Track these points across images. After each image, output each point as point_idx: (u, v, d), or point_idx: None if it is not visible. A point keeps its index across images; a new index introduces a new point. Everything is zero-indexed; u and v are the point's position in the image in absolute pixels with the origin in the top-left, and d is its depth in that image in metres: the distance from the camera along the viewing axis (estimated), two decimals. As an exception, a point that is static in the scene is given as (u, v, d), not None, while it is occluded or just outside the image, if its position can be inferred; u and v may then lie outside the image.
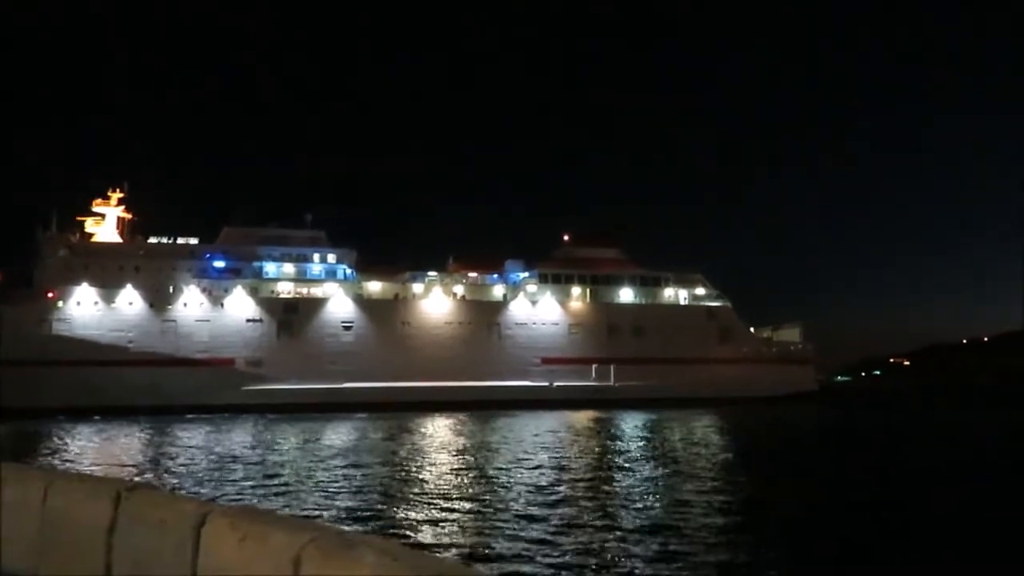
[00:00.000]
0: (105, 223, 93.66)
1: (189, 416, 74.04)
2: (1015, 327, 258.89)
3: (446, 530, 22.38)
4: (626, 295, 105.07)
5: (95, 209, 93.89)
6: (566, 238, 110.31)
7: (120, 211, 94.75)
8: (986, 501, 28.04)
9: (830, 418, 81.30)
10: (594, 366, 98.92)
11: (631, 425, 65.80)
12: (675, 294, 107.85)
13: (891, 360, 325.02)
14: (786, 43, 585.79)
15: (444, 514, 24.77)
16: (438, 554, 17.92)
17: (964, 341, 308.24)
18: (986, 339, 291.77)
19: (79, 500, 5.89)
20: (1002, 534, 22.52)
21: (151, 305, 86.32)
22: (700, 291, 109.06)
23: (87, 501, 5.79)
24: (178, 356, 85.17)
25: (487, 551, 19.79)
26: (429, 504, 26.62)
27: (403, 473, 34.87)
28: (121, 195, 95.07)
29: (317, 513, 24.87)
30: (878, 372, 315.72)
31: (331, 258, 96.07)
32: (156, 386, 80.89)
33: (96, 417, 71.13)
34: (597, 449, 46.12)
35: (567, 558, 19.11)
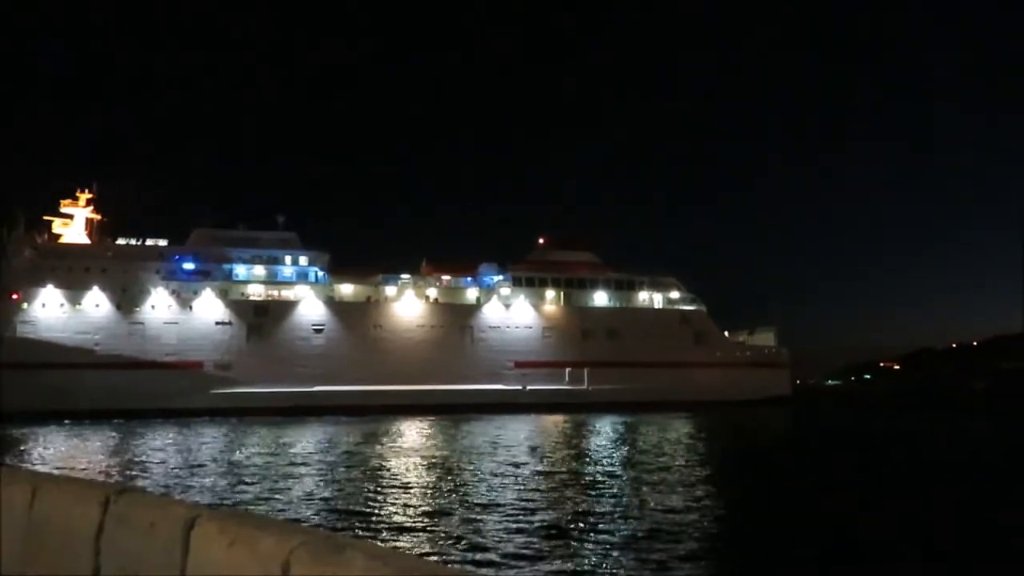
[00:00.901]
0: (73, 224, 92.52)
1: (158, 420, 73.06)
2: (1008, 331, 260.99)
3: (420, 538, 21.88)
4: (600, 298, 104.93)
5: (63, 210, 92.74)
6: (541, 241, 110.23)
7: (88, 212, 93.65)
8: (938, 506, 27.93)
9: (792, 421, 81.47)
10: (567, 370, 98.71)
11: (604, 429, 65.49)
12: (649, 298, 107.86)
13: (881, 364, 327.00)
14: (769, 41, 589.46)
15: (417, 521, 24.30)
16: (427, 558, 17.59)
17: (954, 345, 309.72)
18: (975, 343, 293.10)
19: (67, 503, 5.80)
20: (950, 539, 22.37)
21: (118, 307, 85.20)
22: (674, 295, 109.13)
23: (75, 504, 5.70)
24: (145, 359, 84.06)
25: (464, 557, 19.45)
26: (403, 510, 26.11)
27: (373, 479, 34.26)
28: (90, 196, 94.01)
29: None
30: (868, 376, 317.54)
31: (303, 260, 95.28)
32: (123, 389, 79.65)
33: (66, 421, 70.00)
34: (571, 453, 45.69)
35: (548, 564, 18.81)
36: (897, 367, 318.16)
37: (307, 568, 3.87)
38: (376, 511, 25.85)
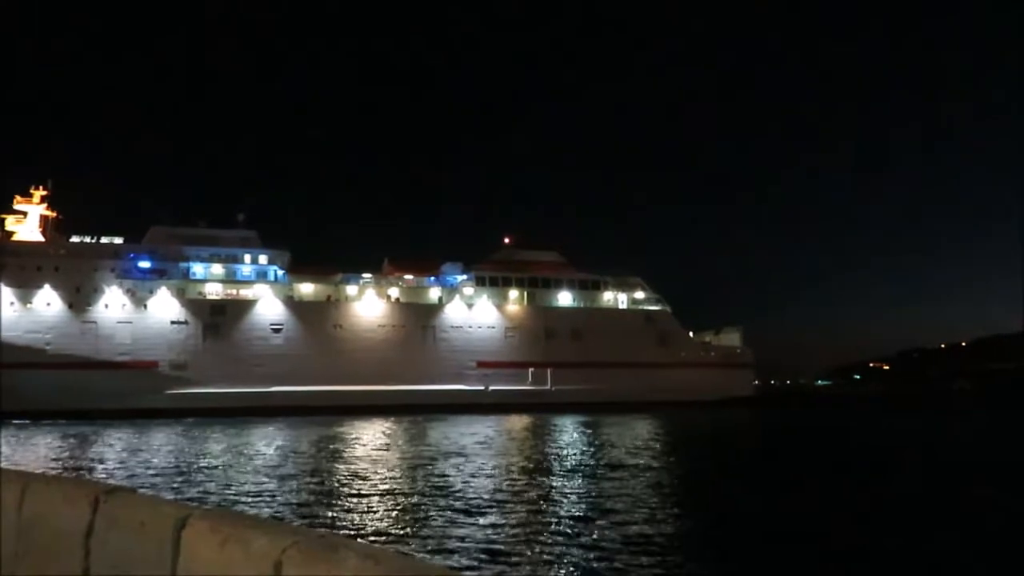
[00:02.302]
0: (27, 221, 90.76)
1: (111, 421, 71.71)
2: (1001, 331, 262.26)
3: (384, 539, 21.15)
4: (564, 298, 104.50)
5: (16, 207, 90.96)
6: (507, 241, 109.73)
7: (43, 209, 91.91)
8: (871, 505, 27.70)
9: (750, 421, 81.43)
10: (531, 370, 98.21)
11: (567, 430, 64.94)
12: (614, 298, 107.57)
13: (870, 364, 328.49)
14: (745, 37, 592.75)
15: (376, 524, 23.65)
16: (420, 557, 17.24)
17: (943, 345, 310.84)
18: (964, 344, 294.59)
19: (56, 503, 5.77)
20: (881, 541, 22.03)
21: (70, 306, 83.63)
22: (639, 295, 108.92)
23: (64, 504, 5.68)
24: (98, 359, 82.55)
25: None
26: (360, 516, 25.42)
27: (329, 481, 33.45)
28: (44, 193, 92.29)
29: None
30: (858, 376, 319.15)
31: (262, 259, 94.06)
32: (74, 389, 78.17)
33: (15, 421, 68.49)
34: (534, 454, 44.97)
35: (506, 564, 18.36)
36: (887, 367, 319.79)
37: (300, 568, 3.86)
38: (331, 514, 25.05)
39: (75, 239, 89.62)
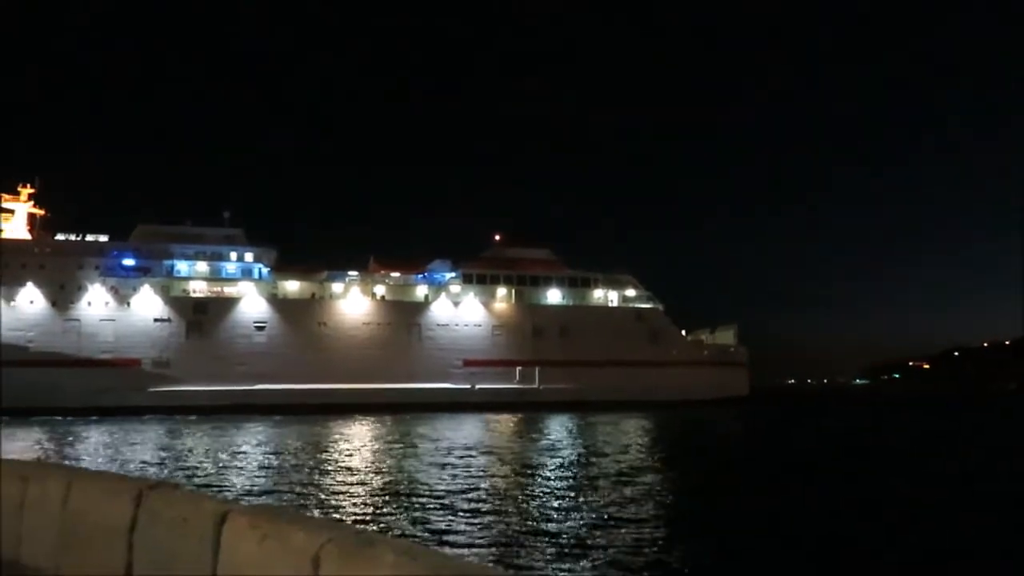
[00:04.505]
0: (14, 219, 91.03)
1: (93, 418, 71.75)
2: None
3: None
4: (554, 296, 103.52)
5: (3, 205, 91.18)
6: (497, 238, 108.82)
7: (30, 207, 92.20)
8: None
9: (742, 421, 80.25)
10: (518, 368, 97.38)
11: (554, 429, 64.15)
12: (604, 296, 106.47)
13: (910, 363, 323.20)
14: (741, 36, 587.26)
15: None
16: (457, 553, 17.25)
17: (985, 344, 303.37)
18: (1008, 342, 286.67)
19: (100, 498, 5.91)
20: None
21: (53, 304, 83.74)
22: (631, 292, 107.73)
23: (108, 499, 5.80)
24: (81, 356, 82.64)
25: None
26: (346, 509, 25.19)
27: (308, 479, 33.05)
28: (32, 191, 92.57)
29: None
30: (897, 375, 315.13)
31: (248, 257, 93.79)
32: (57, 387, 78.29)
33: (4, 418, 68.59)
34: (519, 454, 44.31)
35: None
36: (927, 366, 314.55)
37: (337, 563, 3.93)
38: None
39: (61, 237, 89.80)
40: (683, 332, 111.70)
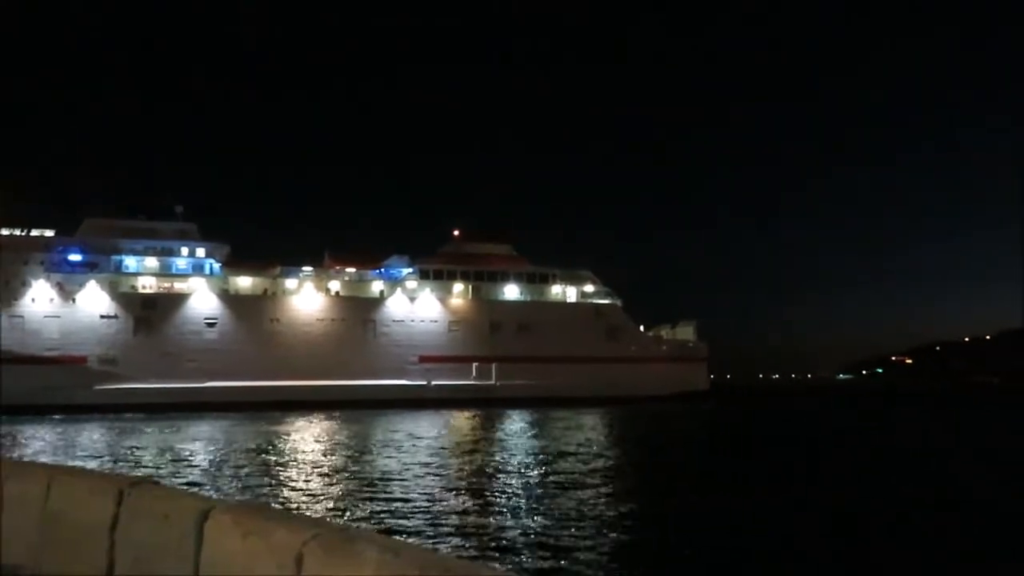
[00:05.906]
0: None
1: (36, 416, 70.15)
2: (1016, 325, 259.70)
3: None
4: (511, 292, 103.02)
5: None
6: (456, 234, 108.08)
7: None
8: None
9: (698, 416, 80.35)
10: (475, 364, 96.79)
11: (510, 425, 63.69)
12: (563, 291, 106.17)
13: (892, 358, 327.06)
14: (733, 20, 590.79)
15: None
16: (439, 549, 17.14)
17: (966, 339, 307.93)
18: (988, 337, 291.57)
19: (81, 496, 5.87)
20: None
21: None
22: (589, 288, 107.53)
23: (89, 497, 5.77)
24: (24, 353, 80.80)
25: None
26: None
27: (256, 477, 32.25)
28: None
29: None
30: (880, 370, 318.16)
31: (200, 252, 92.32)
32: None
33: None
34: (473, 451, 43.74)
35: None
36: (909, 361, 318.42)
37: (320, 560, 3.91)
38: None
39: (5, 232, 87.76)
40: (642, 328, 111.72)
